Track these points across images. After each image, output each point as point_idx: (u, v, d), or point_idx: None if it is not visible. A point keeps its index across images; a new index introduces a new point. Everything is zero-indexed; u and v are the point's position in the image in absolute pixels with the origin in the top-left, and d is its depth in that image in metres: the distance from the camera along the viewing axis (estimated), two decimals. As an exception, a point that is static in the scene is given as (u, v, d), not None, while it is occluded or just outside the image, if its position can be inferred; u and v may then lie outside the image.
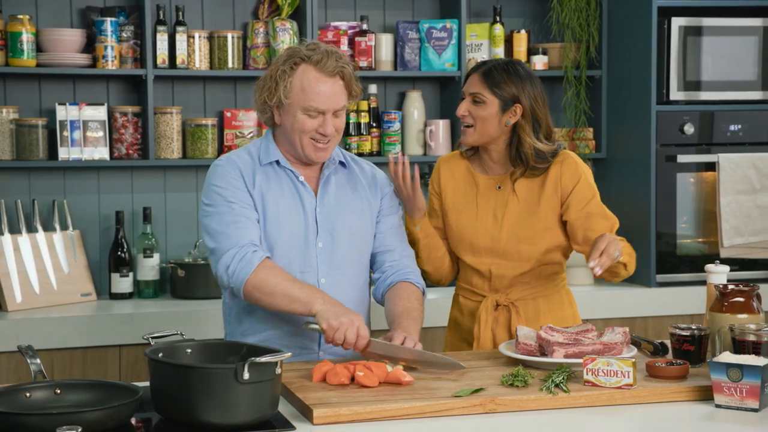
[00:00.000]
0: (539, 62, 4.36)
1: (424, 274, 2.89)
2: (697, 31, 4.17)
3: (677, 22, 4.14)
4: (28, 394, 2.09)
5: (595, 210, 2.82)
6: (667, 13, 4.18)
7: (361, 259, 2.76)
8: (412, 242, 2.86)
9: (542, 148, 2.81)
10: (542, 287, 2.86)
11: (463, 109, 2.83)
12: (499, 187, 2.87)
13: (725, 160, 4.15)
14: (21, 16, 3.87)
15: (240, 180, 2.66)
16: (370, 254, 2.79)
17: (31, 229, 3.91)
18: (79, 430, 1.73)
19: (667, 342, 2.66)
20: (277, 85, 2.63)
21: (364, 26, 4.25)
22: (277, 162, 2.70)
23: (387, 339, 2.55)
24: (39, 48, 3.93)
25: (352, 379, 2.34)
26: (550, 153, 2.82)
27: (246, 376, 2.01)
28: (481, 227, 2.86)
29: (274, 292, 2.54)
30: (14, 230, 3.88)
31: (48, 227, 3.98)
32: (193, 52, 4.07)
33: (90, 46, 4.02)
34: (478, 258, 2.86)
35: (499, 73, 2.80)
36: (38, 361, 2.20)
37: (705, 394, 2.29)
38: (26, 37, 3.87)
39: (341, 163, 2.78)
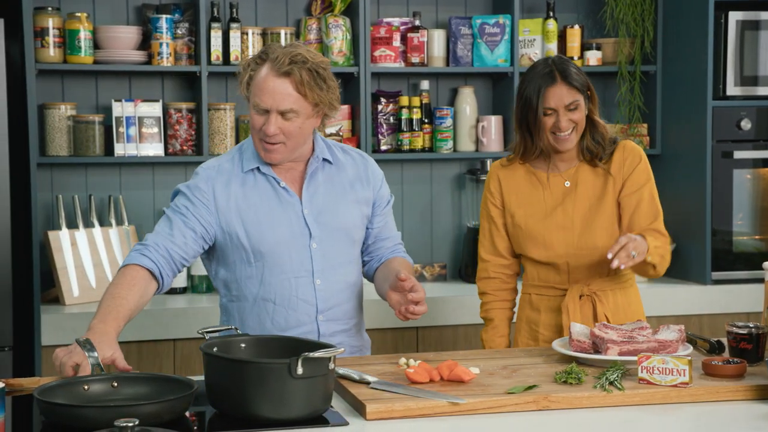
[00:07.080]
0: (593, 57, 4.33)
1: None
2: (754, 26, 4.11)
3: (734, 17, 4.09)
4: (86, 387, 2.13)
5: (646, 196, 2.85)
6: (723, 7, 4.13)
7: (355, 256, 2.73)
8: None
9: (606, 126, 2.90)
10: (618, 279, 2.88)
11: (566, 121, 2.80)
12: (568, 183, 2.88)
13: (783, 156, 4.10)
14: (79, 14, 3.93)
15: (209, 197, 2.60)
16: (360, 249, 2.77)
17: (87, 224, 3.96)
18: (136, 422, 1.75)
19: (724, 340, 2.63)
20: (242, 77, 2.58)
21: (417, 22, 4.25)
22: (258, 168, 2.64)
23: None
24: (96, 45, 3.98)
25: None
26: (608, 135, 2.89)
27: (300, 371, 2.02)
28: (553, 223, 2.86)
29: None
30: (71, 225, 3.94)
31: (104, 222, 4.03)
32: (247, 48, 4.10)
33: (146, 43, 4.06)
34: (553, 252, 2.86)
35: (574, 72, 2.81)
36: (96, 354, 2.24)
37: (762, 394, 2.27)
38: (84, 35, 3.92)
39: (326, 160, 2.70)
